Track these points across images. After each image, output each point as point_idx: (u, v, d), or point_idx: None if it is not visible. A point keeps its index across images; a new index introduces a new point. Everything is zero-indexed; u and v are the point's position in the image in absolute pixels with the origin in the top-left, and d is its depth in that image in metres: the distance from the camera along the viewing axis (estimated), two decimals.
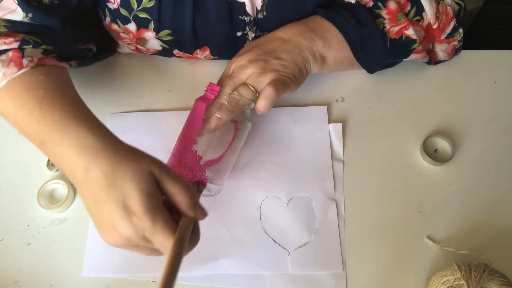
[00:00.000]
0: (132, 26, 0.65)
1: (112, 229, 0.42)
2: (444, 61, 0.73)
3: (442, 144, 0.67)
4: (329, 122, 0.69)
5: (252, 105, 0.59)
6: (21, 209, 0.64)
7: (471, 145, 0.67)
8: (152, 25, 0.64)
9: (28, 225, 0.63)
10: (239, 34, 0.67)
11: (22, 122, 0.48)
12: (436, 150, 0.67)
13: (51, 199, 0.64)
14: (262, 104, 0.57)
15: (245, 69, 0.59)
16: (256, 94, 0.59)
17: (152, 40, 0.67)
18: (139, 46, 0.69)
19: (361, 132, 0.69)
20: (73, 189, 0.64)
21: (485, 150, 0.67)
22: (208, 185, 0.58)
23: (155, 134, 0.68)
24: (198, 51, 0.69)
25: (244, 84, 0.59)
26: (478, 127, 0.69)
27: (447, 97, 0.71)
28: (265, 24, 0.66)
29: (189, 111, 0.70)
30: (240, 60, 0.60)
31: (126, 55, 0.76)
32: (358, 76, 0.73)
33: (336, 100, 0.71)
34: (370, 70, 0.70)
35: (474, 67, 0.74)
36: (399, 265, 0.60)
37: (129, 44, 0.70)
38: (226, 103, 0.58)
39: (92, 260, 0.60)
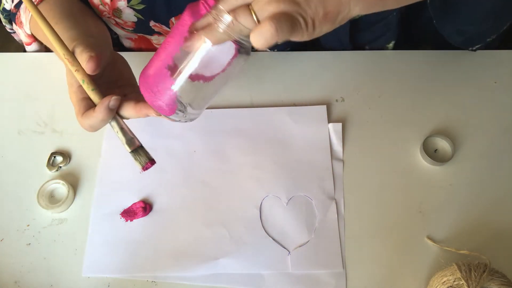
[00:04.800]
0: None
1: None
2: None
3: (442, 144, 0.67)
4: (329, 121, 0.69)
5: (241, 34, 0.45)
6: (21, 209, 0.64)
7: (471, 145, 0.67)
8: None
9: (28, 225, 0.63)
10: None
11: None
12: (436, 150, 0.67)
13: (51, 199, 0.64)
14: (253, 40, 0.42)
15: None
16: (256, 23, 0.43)
17: (126, 9, 0.67)
18: (117, 20, 0.70)
19: (361, 132, 0.69)
20: (73, 189, 0.64)
21: (485, 150, 0.67)
22: (178, 112, 0.50)
23: (155, 134, 0.68)
24: (173, 19, 0.69)
25: (246, 6, 0.43)
26: (478, 127, 0.69)
27: (447, 97, 0.71)
28: None
29: None
30: None
31: (126, 55, 0.76)
32: (358, 76, 0.73)
33: (336, 100, 0.71)
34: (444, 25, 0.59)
35: (474, 67, 0.74)
36: (399, 265, 0.60)
37: (109, 18, 0.70)
38: (218, 25, 0.43)
39: (92, 260, 0.60)
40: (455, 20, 0.65)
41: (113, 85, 0.54)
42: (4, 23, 0.71)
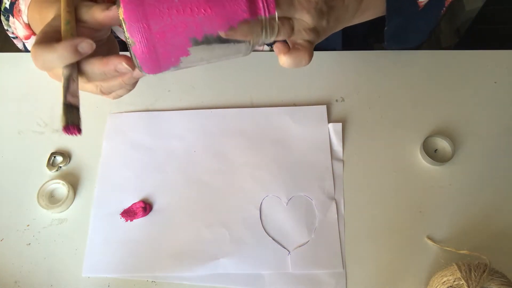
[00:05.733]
0: None
1: None
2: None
3: (442, 144, 0.67)
4: (329, 122, 0.69)
5: (267, 41, 0.47)
6: (21, 209, 0.64)
7: (471, 145, 0.67)
8: None
9: (28, 225, 0.63)
10: None
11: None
12: (436, 150, 0.67)
13: (51, 199, 0.64)
14: (287, 61, 0.48)
15: (305, 12, 0.47)
16: (290, 36, 0.48)
17: None
18: None
19: (361, 132, 0.69)
20: (73, 189, 0.64)
21: (485, 150, 0.67)
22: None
23: (155, 134, 0.68)
24: None
25: (288, 21, 0.47)
26: (478, 127, 0.69)
27: (447, 97, 0.71)
28: None
29: (187, 111, 0.70)
30: None
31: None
32: (358, 76, 0.73)
33: (336, 100, 0.71)
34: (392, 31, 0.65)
35: (474, 67, 0.74)
36: (399, 265, 0.60)
37: None
38: (265, 27, 0.44)
39: (92, 260, 0.60)
40: (400, 41, 0.72)
41: None
42: (5, 26, 0.71)
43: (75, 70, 0.44)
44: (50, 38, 0.43)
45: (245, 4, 0.42)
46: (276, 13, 0.44)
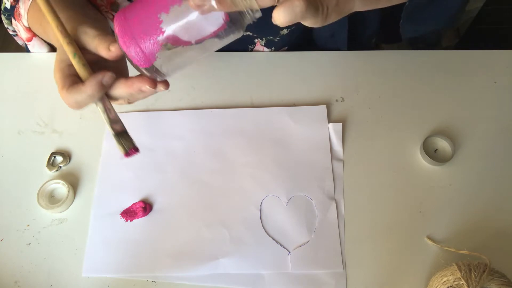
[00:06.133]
0: None
1: None
2: None
3: (442, 144, 0.67)
4: (329, 121, 0.69)
5: (258, 14, 0.43)
6: (21, 209, 0.64)
7: (471, 145, 0.67)
8: None
9: (28, 225, 0.63)
10: None
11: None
12: (436, 150, 0.67)
13: (51, 199, 0.64)
14: (281, 15, 0.41)
15: None
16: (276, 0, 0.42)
17: (124, 3, 0.67)
18: (114, 14, 0.69)
19: (361, 132, 0.69)
20: (73, 189, 0.64)
21: (485, 150, 0.67)
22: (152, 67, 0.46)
23: (155, 134, 0.68)
24: None
25: None
26: (478, 127, 0.69)
27: (447, 97, 0.71)
28: None
29: (187, 111, 0.70)
30: None
31: None
32: (358, 76, 0.73)
33: (336, 100, 0.71)
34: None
35: (474, 67, 0.74)
36: (399, 265, 0.60)
37: (106, 12, 0.70)
38: None
39: (92, 260, 0.60)
40: (417, 21, 0.68)
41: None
42: (6, 25, 0.71)
43: (106, 98, 0.47)
44: (71, 77, 0.47)
45: None
46: None
